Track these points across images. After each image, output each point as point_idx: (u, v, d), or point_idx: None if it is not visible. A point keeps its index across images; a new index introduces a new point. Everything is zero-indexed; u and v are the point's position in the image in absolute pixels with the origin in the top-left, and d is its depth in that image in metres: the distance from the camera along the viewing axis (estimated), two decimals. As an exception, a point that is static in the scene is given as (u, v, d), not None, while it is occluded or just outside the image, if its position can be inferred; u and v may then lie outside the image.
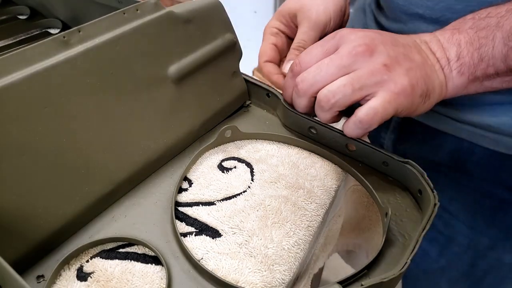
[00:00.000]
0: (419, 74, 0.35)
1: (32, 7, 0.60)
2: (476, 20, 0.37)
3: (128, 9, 0.34)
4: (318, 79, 0.35)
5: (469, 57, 0.37)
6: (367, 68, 0.34)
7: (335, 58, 0.35)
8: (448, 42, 0.38)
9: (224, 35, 0.41)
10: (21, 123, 0.27)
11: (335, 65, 0.35)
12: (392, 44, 0.36)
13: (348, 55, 0.34)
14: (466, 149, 0.49)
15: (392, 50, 0.35)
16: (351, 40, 0.35)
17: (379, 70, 0.34)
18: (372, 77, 0.34)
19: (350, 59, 0.34)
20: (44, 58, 0.28)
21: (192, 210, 0.33)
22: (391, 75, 0.34)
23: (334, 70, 0.35)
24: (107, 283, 0.28)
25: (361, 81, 0.34)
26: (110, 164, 0.32)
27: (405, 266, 0.28)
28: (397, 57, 0.35)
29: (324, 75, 0.35)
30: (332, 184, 0.38)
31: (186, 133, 0.38)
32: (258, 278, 0.29)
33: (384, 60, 0.34)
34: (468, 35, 0.37)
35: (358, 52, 0.34)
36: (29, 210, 0.28)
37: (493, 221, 0.52)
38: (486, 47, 0.36)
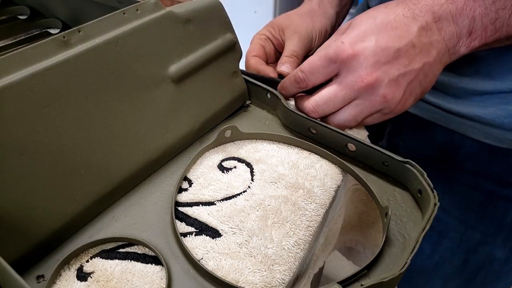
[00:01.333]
0: (415, 83, 0.37)
1: (32, 7, 0.60)
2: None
3: (128, 9, 0.34)
4: (326, 111, 0.39)
5: (481, 31, 0.36)
6: (368, 100, 0.37)
7: (341, 90, 0.38)
8: (461, 13, 0.36)
9: (224, 35, 0.41)
10: (21, 123, 0.27)
11: (342, 99, 0.38)
12: (394, 57, 0.36)
13: (351, 89, 0.37)
14: (457, 141, 0.50)
15: (394, 68, 0.36)
16: (353, 69, 0.36)
17: (379, 101, 0.37)
18: (372, 109, 0.38)
19: (354, 94, 0.37)
20: (44, 58, 0.28)
21: (192, 210, 0.33)
22: (389, 104, 0.37)
23: (341, 102, 0.38)
24: (107, 283, 0.28)
25: (364, 113, 0.38)
26: (110, 164, 0.32)
27: (405, 266, 0.28)
28: (397, 78, 0.36)
29: (331, 109, 0.39)
30: (332, 184, 0.38)
31: (186, 133, 0.38)
32: (258, 278, 0.29)
33: (384, 92, 0.36)
34: (485, 3, 0.35)
35: (361, 87, 0.36)
36: (29, 210, 0.28)
37: (483, 215, 0.52)
38: (503, 18, 0.35)
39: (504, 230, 0.53)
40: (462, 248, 0.56)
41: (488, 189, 0.51)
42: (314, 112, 0.40)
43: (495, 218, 0.52)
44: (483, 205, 0.52)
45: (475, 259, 0.56)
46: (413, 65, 0.36)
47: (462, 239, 0.55)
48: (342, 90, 0.38)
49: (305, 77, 0.39)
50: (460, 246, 0.56)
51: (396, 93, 0.37)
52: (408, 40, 0.36)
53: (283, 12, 0.62)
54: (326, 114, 0.40)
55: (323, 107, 0.39)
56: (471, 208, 0.53)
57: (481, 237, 0.54)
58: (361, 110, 0.38)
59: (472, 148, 0.49)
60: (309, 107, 0.40)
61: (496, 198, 0.51)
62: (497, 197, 0.51)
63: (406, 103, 0.38)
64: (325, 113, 0.39)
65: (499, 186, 0.50)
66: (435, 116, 0.50)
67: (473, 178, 0.51)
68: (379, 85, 0.36)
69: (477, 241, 0.54)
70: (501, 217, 0.52)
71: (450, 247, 0.56)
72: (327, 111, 0.39)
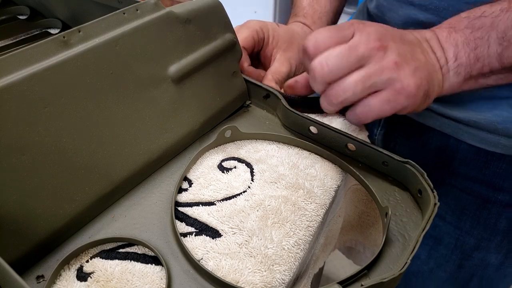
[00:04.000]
0: (423, 74, 0.36)
1: (32, 7, 0.60)
2: (471, 20, 0.38)
3: (128, 9, 0.34)
4: (336, 68, 0.35)
5: (465, 58, 0.38)
6: (379, 65, 0.35)
7: (353, 48, 0.35)
8: (446, 41, 0.39)
9: (224, 35, 0.41)
10: (21, 123, 0.27)
11: (354, 55, 0.35)
12: (401, 41, 0.36)
13: (365, 48, 0.35)
14: (452, 146, 0.50)
15: (401, 48, 0.36)
16: (367, 33, 0.35)
17: (390, 68, 0.35)
18: (382, 75, 0.35)
19: (367, 53, 0.35)
20: (44, 58, 0.28)
21: (192, 210, 0.33)
22: (400, 74, 0.35)
23: (353, 60, 0.35)
24: (107, 283, 0.28)
25: (372, 79, 0.35)
26: (110, 164, 0.32)
27: (405, 266, 0.28)
28: (405, 56, 0.36)
29: (343, 66, 0.35)
30: (332, 184, 0.38)
31: (186, 133, 0.38)
32: (258, 278, 0.29)
33: (395, 58, 0.35)
34: (464, 34, 0.38)
35: (374, 47, 0.35)
36: (29, 210, 0.28)
37: (477, 221, 0.52)
38: (482, 48, 0.38)
39: (498, 235, 0.53)
40: (456, 253, 0.56)
41: (482, 194, 0.51)
42: (321, 70, 0.36)
43: (489, 224, 0.52)
44: (478, 210, 0.52)
45: (469, 265, 0.56)
46: (417, 55, 0.37)
47: (457, 244, 0.55)
48: (353, 49, 0.35)
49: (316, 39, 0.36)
50: (454, 252, 0.56)
51: (406, 67, 0.35)
52: (410, 38, 0.38)
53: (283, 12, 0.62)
54: (334, 75, 0.36)
55: (331, 63, 0.35)
56: (466, 213, 0.53)
57: (475, 242, 0.54)
58: (369, 74, 0.35)
59: (467, 153, 0.49)
60: (316, 64, 0.36)
61: (490, 203, 0.51)
62: (491, 202, 0.51)
63: (418, 88, 0.35)
64: (332, 72, 0.36)
65: (493, 191, 0.50)
66: (430, 120, 0.50)
67: (467, 183, 0.51)
68: (391, 51, 0.35)
69: (472, 246, 0.54)
70: (495, 222, 0.52)
71: (445, 253, 0.56)
72: (335, 70, 0.36)
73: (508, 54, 0.37)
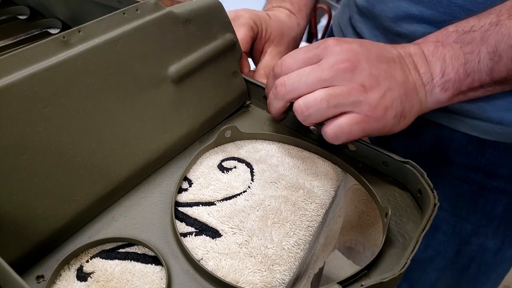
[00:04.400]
0: (396, 95, 0.35)
1: (32, 7, 0.60)
2: (460, 34, 0.37)
3: (128, 9, 0.34)
4: (296, 86, 0.35)
5: (454, 73, 0.37)
6: (345, 86, 0.34)
7: (317, 69, 0.35)
8: (433, 56, 0.38)
9: (224, 35, 0.41)
10: (21, 123, 0.27)
11: (316, 76, 0.34)
12: (377, 60, 0.36)
13: (330, 68, 0.34)
14: (447, 136, 0.50)
15: (375, 68, 0.35)
16: (335, 53, 0.35)
17: (357, 90, 0.34)
18: (348, 97, 0.34)
19: (331, 74, 0.34)
20: (44, 58, 0.28)
21: (192, 210, 0.33)
22: (367, 97, 0.34)
23: (314, 80, 0.34)
24: (107, 283, 0.28)
25: (337, 99, 0.34)
26: (110, 164, 0.32)
27: (405, 266, 0.28)
28: (377, 77, 0.35)
29: (303, 84, 0.35)
30: (332, 184, 0.38)
31: (186, 133, 0.38)
32: (258, 278, 0.29)
33: (363, 80, 0.34)
34: (453, 49, 0.37)
35: (340, 68, 0.34)
36: (29, 210, 0.28)
37: (474, 208, 0.53)
38: (472, 63, 0.37)
39: (494, 221, 0.53)
40: (454, 240, 0.56)
41: (478, 182, 0.51)
42: (282, 86, 0.36)
43: (486, 210, 0.53)
44: (474, 197, 0.52)
45: (467, 251, 0.57)
46: (394, 73, 0.36)
47: (455, 231, 0.55)
48: (319, 68, 0.35)
49: (282, 62, 0.37)
50: (452, 239, 0.56)
51: (375, 90, 0.34)
52: (390, 55, 0.37)
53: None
54: (296, 92, 0.35)
55: (293, 81, 0.35)
56: (462, 201, 0.53)
57: (472, 228, 0.54)
58: (334, 93, 0.34)
59: (462, 141, 0.50)
60: (277, 82, 0.36)
61: (486, 189, 0.51)
62: (487, 188, 0.51)
63: (387, 111, 0.35)
64: (295, 89, 0.35)
65: (489, 178, 0.50)
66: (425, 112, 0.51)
67: (463, 172, 0.51)
68: (360, 72, 0.34)
69: (469, 232, 0.55)
70: (491, 209, 0.52)
71: (442, 240, 0.57)
72: (298, 87, 0.35)
73: (499, 68, 0.36)
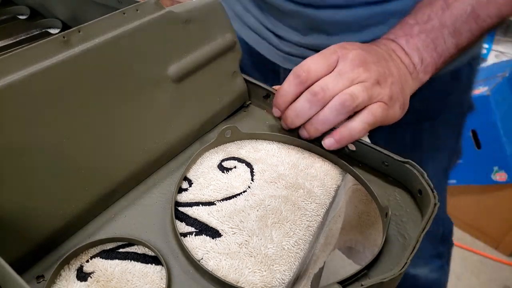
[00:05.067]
0: (398, 88, 0.41)
1: (32, 7, 0.60)
2: (421, 25, 0.44)
3: (128, 9, 0.34)
4: (335, 89, 0.38)
5: (430, 58, 0.44)
6: (369, 83, 0.38)
7: (345, 72, 0.38)
8: (408, 47, 0.44)
9: (224, 35, 0.41)
10: (21, 123, 0.27)
11: (347, 77, 0.38)
12: (378, 60, 0.41)
13: (352, 71, 0.38)
14: None
15: (380, 67, 0.40)
16: (350, 59, 0.39)
17: (376, 84, 0.39)
18: (374, 89, 0.38)
19: (356, 75, 0.38)
20: (44, 58, 0.28)
21: (192, 210, 0.33)
22: (384, 90, 0.39)
23: (346, 81, 0.38)
24: (107, 283, 0.28)
25: (370, 92, 0.38)
26: (110, 164, 0.32)
27: (405, 266, 0.28)
28: (384, 74, 0.40)
29: (341, 86, 0.38)
30: (332, 184, 0.38)
31: (186, 133, 0.38)
32: (258, 278, 0.29)
33: (377, 77, 0.39)
34: (421, 39, 0.44)
35: (360, 71, 0.38)
36: (29, 210, 0.28)
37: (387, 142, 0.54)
38: (441, 45, 0.44)
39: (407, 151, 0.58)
40: None
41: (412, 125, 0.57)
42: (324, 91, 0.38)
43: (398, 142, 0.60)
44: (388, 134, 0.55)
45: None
46: (391, 70, 0.41)
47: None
48: (344, 72, 0.38)
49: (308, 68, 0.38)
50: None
51: (385, 84, 0.39)
52: (382, 54, 0.42)
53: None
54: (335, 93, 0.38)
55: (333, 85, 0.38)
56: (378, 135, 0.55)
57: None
58: (367, 86, 0.38)
59: None
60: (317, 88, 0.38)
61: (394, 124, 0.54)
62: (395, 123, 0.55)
63: (395, 103, 0.40)
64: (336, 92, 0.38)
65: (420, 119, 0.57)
66: None
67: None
68: (372, 71, 0.39)
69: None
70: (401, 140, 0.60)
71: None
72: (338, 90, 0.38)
73: (462, 41, 0.44)
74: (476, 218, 1.31)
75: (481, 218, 1.30)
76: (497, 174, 1.16)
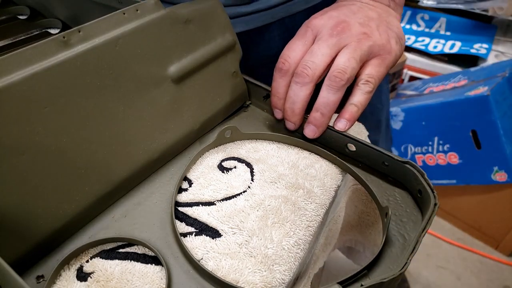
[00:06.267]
0: (384, 26, 0.39)
1: (32, 7, 0.60)
2: None
3: (128, 9, 0.34)
4: (317, 62, 0.36)
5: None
6: (353, 40, 0.36)
7: (322, 43, 0.37)
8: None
9: (224, 35, 0.41)
10: (21, 123, 0.27)
11: (326, 46, 0.36)
12: (352, 12, 0.39)
13: (330, 36, 0.37)
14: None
15: (357, 18, 0.38)
16: (323, 25, 0.38)
17: (364, 39, 0.37)
18: (362, 46, 0.36)
19: (335, 38, 0.37)
20: (44, 58, 0.28)
21: (192, 210, 0.33)
22: (373, 40, 0.37)
23: (327, 50, 0.36)
24: (107, 283, 0.28)
25: (357, 52, 0.36)
26: (110, 164, 0.32)
27: (405, 266, 0.28)
28: (364, 23, 0.38)
29: (321, 57, 0.36)
30: (332, 184, 0.38)
31: (186, 133, 0.38)
32: (258, 278, 0.29)
33: (360, 29, 0.37)
34: None
35: (338, 31, 0.37)
36: (29, 210, 0.28)
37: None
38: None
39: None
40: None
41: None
42: (305, 69, 0.36)
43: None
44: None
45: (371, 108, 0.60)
46: (370, 15, 0.40)
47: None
48: (322, 41, 0.37)
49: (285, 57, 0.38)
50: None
51: (372, 32, 0.38)
52: (354, 6, 0.41)
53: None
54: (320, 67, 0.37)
55: (311, 60, 0.36)
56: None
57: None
58: (353, 49, 0.36)
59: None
60: (299, 68, 0.37)
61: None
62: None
63: (390, 42, 0.38)
64: (318, 65, 0.36)
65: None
66: None
67: None
68: (353, 27, 0.37)
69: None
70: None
71: None
72: (319, 62, 0.36)
73: None
74: (476, 218, 1.31)
75: (481, 218, 1.30)
76: (497, 174, 1.16)
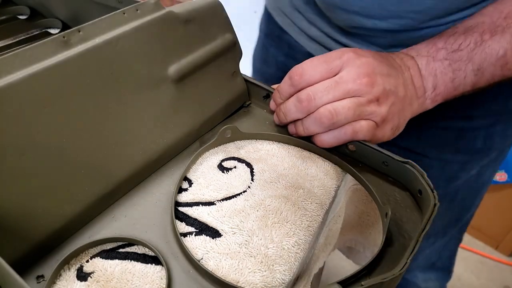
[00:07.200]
0: (396, 109, 0.39)
1: (32, 7, 0.60)
2: (449, 52, 0.42)
3: (128, 9, 0.34)
4: (325, 100, 0.37)
5: (443, 87, 0.42)
6: (366, 98, 0.37)
7: (342, 83, 0.37)
8: (426, 70, 0.42)
9: (224, 35, 0.41)
10: (21, 123, 0.27)
11: (343, 89, 0.37)
12: (388, 74, 0.39)
13: (353, 82, 0.37)
14: None
15: (387, 83, 0.38)
16: (356, 66, 0.37)
17: (373, 102, 0.37)
18: (368, 108, 0.37)
19: (355, 87, 0.37)
20: (44, 58, 0.28)
21: (192, 210, 0.33)
22: (380, 109, 0.37)
23: (341, 94, 0.37)
24: (107, 283, 0.28)
25: (360, 109, 0.37)
26: (110, 164, 0.32)
27: (405, 266, 0.28)
28: (388, 91, 0.38)
29: (331, 98, 0.37)
30: (332, 184, 0.38)
31: (186, 133, 0.38)
32: (258, 278, 0.29)
33: (379, 94, 0.37)
34: (443, 65, 0.42)
35: (362, 83, 0.37)
36: (29, 210, 0.28)
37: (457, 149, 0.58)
38: (459, 78, 0.42)
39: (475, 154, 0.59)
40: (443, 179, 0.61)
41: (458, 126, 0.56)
42: (310, 100, 0.37)
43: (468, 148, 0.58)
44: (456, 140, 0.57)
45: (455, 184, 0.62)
46: (398, 89, 0.39)
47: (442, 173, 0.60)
48: (343, 82, 0.37)
49: (302, 71, 0.37)
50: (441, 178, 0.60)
51: (385, 104, 0.38)
52: (395, 70, 0.40)
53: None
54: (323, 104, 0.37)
55: (321, 95, 0.37)
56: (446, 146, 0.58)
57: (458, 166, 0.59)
58: (360, 103, 0.37)
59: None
60: (303, 95, 0.37)
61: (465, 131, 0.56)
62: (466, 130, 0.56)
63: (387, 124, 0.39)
64: (323, 102, 0.37)
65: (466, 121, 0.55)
66: None
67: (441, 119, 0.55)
68: (376, 87, 0.37)
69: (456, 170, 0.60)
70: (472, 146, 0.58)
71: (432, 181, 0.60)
72: (326, 101, 0.37)
73: (481, 82, 0.42)
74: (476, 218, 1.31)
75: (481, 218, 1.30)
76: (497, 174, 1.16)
